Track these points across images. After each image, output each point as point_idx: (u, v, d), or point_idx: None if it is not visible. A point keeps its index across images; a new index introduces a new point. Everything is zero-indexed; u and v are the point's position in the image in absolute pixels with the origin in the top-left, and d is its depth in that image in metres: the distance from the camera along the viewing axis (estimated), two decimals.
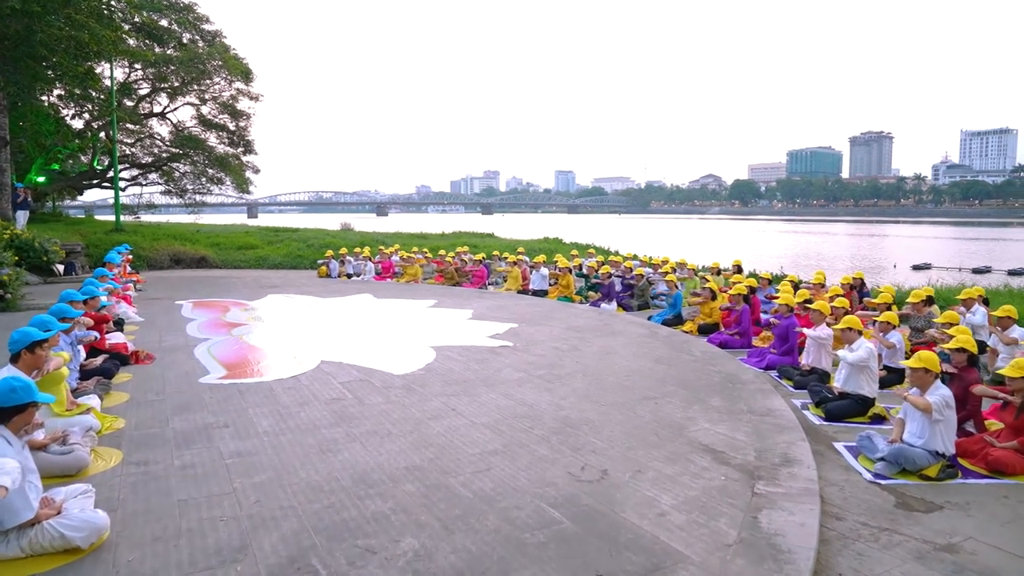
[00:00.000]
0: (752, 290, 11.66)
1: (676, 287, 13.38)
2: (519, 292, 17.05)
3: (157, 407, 6.71)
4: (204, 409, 6.62)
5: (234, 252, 25.30)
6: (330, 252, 21.94)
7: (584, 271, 17.44)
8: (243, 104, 33.32)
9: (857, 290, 12.89)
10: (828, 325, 8.66)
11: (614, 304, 14.69)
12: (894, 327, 8.58)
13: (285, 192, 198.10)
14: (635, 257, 21.28)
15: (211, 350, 9.58)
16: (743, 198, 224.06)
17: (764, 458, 5.47)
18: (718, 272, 16.25)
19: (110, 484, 4.76)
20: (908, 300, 10.41)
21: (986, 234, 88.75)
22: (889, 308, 10.38)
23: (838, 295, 11.05)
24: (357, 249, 22.50)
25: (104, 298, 10.48)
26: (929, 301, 10.51)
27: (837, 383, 7.39)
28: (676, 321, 12.77)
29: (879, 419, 7.00)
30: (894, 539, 4.33)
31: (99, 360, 7.88)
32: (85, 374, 7.35)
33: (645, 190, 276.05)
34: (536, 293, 16.58)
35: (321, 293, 16.37)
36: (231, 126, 33.89)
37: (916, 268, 36.26)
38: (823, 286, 13.06)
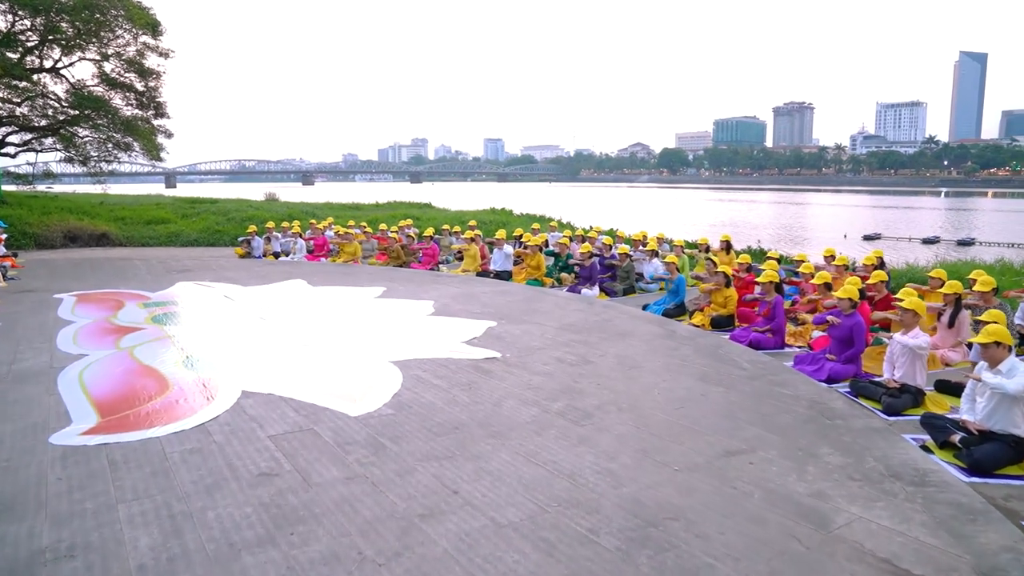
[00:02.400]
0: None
1: (677, 270, 11.25)
2: (478, 274, 14.66)
3: None
4: (40, 511, 3.96)
5: (142, 227, 22.45)
6: (253, 227, 18.85)
7: (554, 248, 15.10)
8: (152, 61, 29.29)
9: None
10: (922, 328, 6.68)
11: (596, 289, 12.51)
12: None
13: (206, 160, 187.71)
14: (601, 231, 19.05)
15: (84, 376, 6.83)
16: (671, 166, 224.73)
17: None
18: (706, 250, 14.25)
19: None
20: (974, 288, 8.50)
21: (902, 202, 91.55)
22: (959, 299, 8.53)
23: (882, 280, 9.16)
24: (285, 224, 19.52)
25: None
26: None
27: (969, 415, 5.39)
28: (678, 311, 10.71)
29: None
30: None
31: None
32: None
33: (575, 158, 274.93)
34: (499, 275, 14.22)
35: (243, 279, 13.52)
36: (139, 86, 29.83)
37: (867, 238, 35.47)
38: (847, 268, 11.20)
